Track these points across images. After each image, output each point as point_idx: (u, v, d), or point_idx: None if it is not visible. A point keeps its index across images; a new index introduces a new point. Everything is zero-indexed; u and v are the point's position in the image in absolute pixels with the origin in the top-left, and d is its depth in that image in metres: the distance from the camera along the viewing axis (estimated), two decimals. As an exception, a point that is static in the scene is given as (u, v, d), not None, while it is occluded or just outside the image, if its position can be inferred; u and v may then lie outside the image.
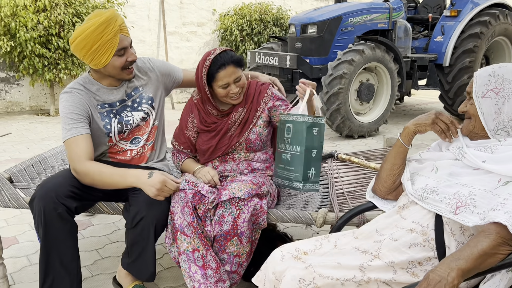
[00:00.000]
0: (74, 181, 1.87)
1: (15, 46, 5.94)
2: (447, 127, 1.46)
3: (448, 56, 6.15)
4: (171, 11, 7.93)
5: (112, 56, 1.91)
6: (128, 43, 1.97)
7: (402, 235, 1.33)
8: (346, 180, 2.38)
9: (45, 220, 1.78)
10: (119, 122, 2.05)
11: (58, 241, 1.83)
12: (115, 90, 2.05)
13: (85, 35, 1.86)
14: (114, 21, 1.89)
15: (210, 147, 2.10)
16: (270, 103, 2.12)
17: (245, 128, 2.09)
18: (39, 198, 1.79)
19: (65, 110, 1.94)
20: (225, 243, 1.85)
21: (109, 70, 1.96)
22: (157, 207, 1.84)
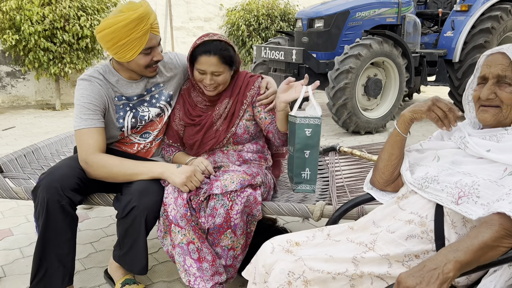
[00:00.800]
0: (80, 173, 1.82)
1: (20, 39, 5.93)
2: (444, 114, 1.33)
3: (458, 51, 6.01)
4: (178, 6, 7.88)
5: (137, 54, 1.84)
6: (157, 42, 1.89)
7: (399, 227, 1.25)
8: (347, 173, 2.30)
9: (47, 211, 1.73)
10: (134, 117, 1.98)
11: (57, 233, 1.77)
12: (135, 84, 1.98)
13: (114, 28, 1.77)
14: (147, 19, 1.80)
15: (196, 141, 2.02)
16: (255, 98, 2.01)
17: (231, 122, 1.99)
18: (44, 188, 1.73)
19: (82, 99, 1.86)
20: (218, 236, 1.78)
21: (132, 66, 1.89)
22: (150, 197, 1.78)
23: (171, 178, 1.79)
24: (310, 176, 1.85)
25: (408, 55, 5.50)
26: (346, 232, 1.35)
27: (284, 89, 1.88)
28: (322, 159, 2.63)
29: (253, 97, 2.00)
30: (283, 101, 1.86)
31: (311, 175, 1.84)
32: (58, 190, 1.71)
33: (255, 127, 2.05)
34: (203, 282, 1.78)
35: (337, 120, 5.24)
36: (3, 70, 6.66)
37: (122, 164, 1.82)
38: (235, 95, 2.00)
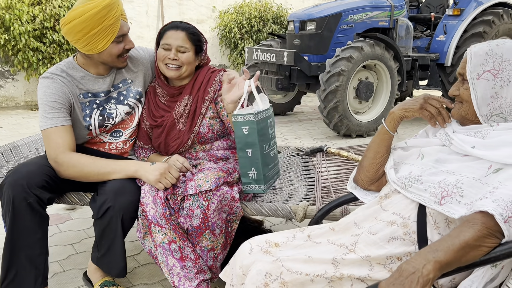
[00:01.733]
0: (49, 170, 1.75)
1: (9, 39, 5.85)
2: (437, 111, 1.32)
3: (450, 55, 6.01)
4: (170, 8, 7.84)
5: (110, 42, 1.77)
6: (127, 30, 1.85)
7: (381, 228, 1.20)
8: (333, 173, 2.25)
9: (14, 209, 1.66)
10: (101, 115, 1.91)
11: (25, 233, 1.70)
12: (102, 79, 1.91)
13: (86, 17, 1.70)
14: (117, 5, 1.76)
15: (160, 143, 1.96)
16: (217, 94, 1.92)
17: (194, 121, 1.90)
18: (9, 185, 1.66)
19: (45, 97, 1.79)
20: (197, 237, 1.73)
21: (104, 57, 1.82)
22: (125, 197, 1.72)
23: (145, 176, 1.73)
24: (257, 175, 1.74)
25: (400, 58, 5.49)
26: (327, 234, 1.30)
27: (227, 89, 1.80)
28: (309, 160, 2.58)
29: (215, 93, 1.92)
30: (230, 102, 1.77)
31: (258, 174, 1.74)
32: (24, 187, 1.64)
33: (221, 125, 1.95)
34: (188, 281, 1.72)
35: (328, 123, 5.21)
36: (-8, 70, 6.58)
37: (94, 163, 1.76)
38: (196, 92, 1.91)
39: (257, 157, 1.71)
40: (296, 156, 2.68)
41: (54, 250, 2.43)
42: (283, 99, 6.65)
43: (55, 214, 2.89)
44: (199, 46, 1.89)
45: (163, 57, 1.84)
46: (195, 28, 1.90)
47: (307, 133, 5.56)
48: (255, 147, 1.70)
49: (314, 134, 5.52)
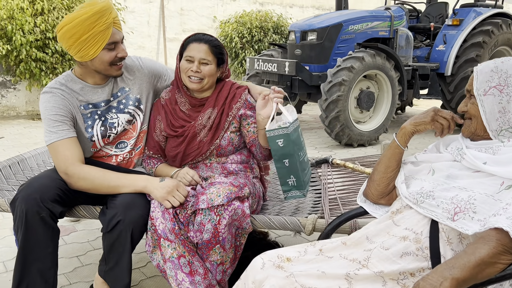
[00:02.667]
0: (61, 184, 1.75)
1: (11, 50, 5.88)
2: (448, 123, 1.36)
3: (450, 65, 6.06)
4: (171, 18, 7.89)
5: (101, 49, 1.77)
6: (120, 38, 1.85)
7: (393, 244, 1.21)
8: (339, 185, 2.26)
9: (26, 223, 1.66)
10: (103, 125, 1.91)
11: (38, 247, 1.70)
12: (100, 89, 1.92)
13: (76, 23, 1.71)
14: (109, 13, 1.76)
15: (178, 153, 1.96)
16: (242, 110, 1.97)
17: (216, 133, 1.94)
18: (22, 199, 1.66)
19: (47, 112, 1.80)
20: (207, 251, 1.73)
21: (96, 65, 1.82)
22: (135, 211, 1.72)
23: (153, 192, 1.74)
24: (296, 182, 1.81)
25: (400, 68, 5.53)
26: (339, 248, 1.30)
27: (262, 105, 1.86)
28: (315, 171, 2.59)
29: (239, 109, 1.96)
30: (265, 117, 1.83)
31: (297, 180, 1.80)
32: (37, 201, 1.64)
33: (239, 139, 2.00)
34: None
35: (330, 132, 5.23)
36: (-6, 80, 6.59)
37: (104, 176, 1.76)
38: (220, 106, 1.95)
39: (295, 166, 1.79)
40: (301, 168, 2.68)
41: (60, 262, 2.40)
42: (284, 108, 6.67)
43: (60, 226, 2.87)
44: (220, 59, 1.92)
45: (186, 69, 1.88)
46: (217, 41, 1.93)
47: (309, 143, 5.58)
48: (292, 157, 1.77)
49: (315, 144, 5.53)
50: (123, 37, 1.88)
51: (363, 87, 5.39)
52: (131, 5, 7.43)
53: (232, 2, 8.54)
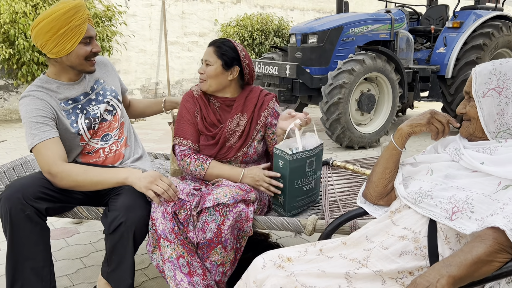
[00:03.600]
0: (44, 182, 1.78)
1: (14, 53, 5.91)
2: (443, 127, 1.37)
3: (451, 67, 6.07)
4: (173, 21, 7.93)
5: (78, 43, 1.82)
6: (94, 34, 1.91)
7: (392, 243, 1.22)
8: (340, 187, 2.27)
9: (12, 222, 1.69)
10: (86, 118, 1.96)
11: (27, 245, 1.72)
12: (76, 85, 1.96)
13: (53, 17, 1.77)
14: (84, 9, 1.84)
15: (210, 155, 1.99)
16: (268, 118, 2.02)
17: (246, 141, 1.99)
18: (5, 199, 1.69)
19: (27, 115, 1.81)
20: (208, 251, 1.75)
21: (72, 59, 1.86)
22: (136, 212, 1.74)
23: (136, 183, 1.75)
24: (283, 203, 1.88)
25: (401, 70, 5.55)
26: (339, 248, 1.32)
27: (285, 117, 1.90)
28: (315, 174, 2.61)
29: (267, 118, 2.01)
30: (280, 128, 1.90)
31: (284, 202, 1.87)
32: (20, 199, 1.67)
33: (263, 148, 2.06)
34: None
35: (331, 134, 5.24)
36: (-4, 83, 6.64)
37: (86, 172, 1.78)
38: (250, 113, 2.00)
39: (285, 189, 1.85)
40: (301, 169, 2.70)
41: (63, 264, 2.44)
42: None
43: (62, 228, 2.91)
44: (226, 58, 1.93)
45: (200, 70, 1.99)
46: (226, 42, 1.96)
47: (310, 145, 5.59)
48: (285, 180, 1.84)
49: (316, 146, 5.54)
50: (96, 34, 1.94)
51: (363, 90, 5.41)
52: (132, 9, 7.47)
53: (233, 6, 8.58)
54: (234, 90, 2.03)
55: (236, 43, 2.00)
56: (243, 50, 1.99)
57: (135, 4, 7.52)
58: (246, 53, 2.00)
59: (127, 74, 7.56)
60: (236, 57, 1.95)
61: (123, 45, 7.15)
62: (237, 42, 2.01)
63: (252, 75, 2.05)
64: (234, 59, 1.95)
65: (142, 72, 7.74)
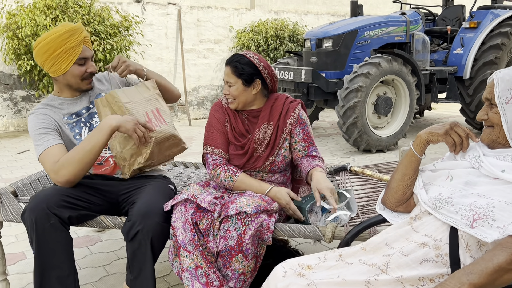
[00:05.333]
0: (67, 191, 1.86)
1: (35, 65, 6.06)
2: (460, 140, 1.35)
3: (469, 68, 6.00)
4: (188, 29, 8.02)
5: (72, 63, 1.95)
6: (90, 55, 2.01)
7: (413, 250, 1.23)
8: (358, 193, 2.28)
9: (37, 231, 1.75)
10: (89, 130, 2.05)
11: (52, 254, 1.78)
12: (78, 100, 2.09)
13: (50, 39, 1.91)
14: (79, 32, 1.96)
15: (238, 165, 2.03)
16: (294, 126, 2.04)
17: (273, 150, 2.01)
18: (30, 209, 1.76)
19: (32, 130, 1.96)
20: (229, 258, 1.77)
21: (68, 78, 1.99)
22: (152, 219, 1.78)
23: (125, 125, 1.85)
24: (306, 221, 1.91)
25: (417, 72, 5.50)
26: (359, 253, 1.33)
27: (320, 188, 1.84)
28: (333, 179, 2.61)
29: (293, 125, 2.03)
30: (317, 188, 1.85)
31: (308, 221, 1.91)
32: (44, 209, 1.74)
33: (289, 156, 2.07)
34: None
35: (348, 138, 5.23)
36: (19, 95, 6.80)
37: (76, 148, 1.86)
38: (275, 121, 2.02)
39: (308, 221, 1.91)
40: (319, 175, 2.71)
41: (87, 272, 2.50)
42: (301, 115, 6.70)
43: (85, 236, 2.97)
44: (245, 76, 1.95)
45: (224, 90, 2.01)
46: (243, 60, 1.95)
47: (327, 149, 5.59)
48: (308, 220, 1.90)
49: (333, 150, 5.54)
50: (93, 55, 2.04)
51: (380, 93, 5.39)
52: (149, 18, 7.58)
53: (247, 12, 8.63)
54: (260, 101, 2.05)
55: (252, 55, 1.98)
56: (260, 61, 1.98)
57: (152, 13, 7.64)
58: (264, 63, 1.99)
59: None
60: (254, 72, 1.96)
61: (141, 54, 7.27)
62: (252, 52, 2.01)
63: (274, 83, 2.06)
64: (253, 74, 1.96)
65: (159, 80, 7.84)
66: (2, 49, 6.29)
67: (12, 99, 6.75)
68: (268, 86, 2.04)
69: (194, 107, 8.29)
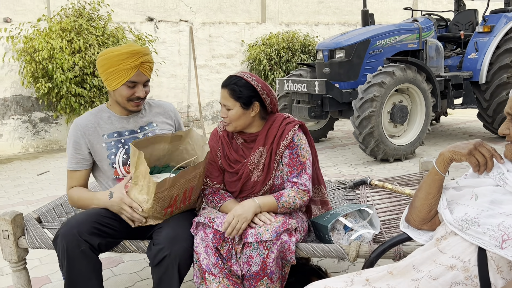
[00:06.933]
0: (97, 217, 1.88)
1: (53, 87, 6.19)
2: (485, 161, 1.32)
3: (484, 72, 5.94)
4: (201, 45, 8.10)
5: (121, 84, 1.99)
6: (142, 81, 2.02)
7: (441, 273, 1.21)
8: (380, 208, 2.26)
9: (68, 258, 1.78)
10: (126, 153, 2.07)
11: (82, 279, 1.81)
12: (125, 120, 2.11)
13: (108, 56, 1.98)
14: (138, 56, 1.98)
15: (234, 192, 2.01)
16: (285, 149, 1.93)
17: (268, 174, 1.94)
18: (62, 236, 1.80)
19: (69, 141, 2.09)
20: (255, 282, 1.76)
21: (117, 96, 2.04)
22: (180, 244, 1.80)
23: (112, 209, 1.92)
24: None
25: (432, 79, 5.46)
26: (386, 278, 1.31)
27: None
28: (353, 194, 2.60)
29: (286, 147, 1.94)
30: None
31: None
32: (76, 236, 1.77)
33: None
34: None
35: (365, 148, 5.20)
36: (37, 117, 6.93)
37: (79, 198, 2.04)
38: (269, 144, 1.94)
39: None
40: (339, 190, 2.70)
41: (111, 294, 2.51)
42: (315, 126, 6.70)
43: (107, 258, 2.99)
44: (243, 100, 1.88)
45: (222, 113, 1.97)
46: (241, 82, 1.89)
47: (343, 160, 5.56)
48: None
49: (350, 160, 5.51)
50: (146, 80, 2.05)
51: (395, 101, 5.35)
52: (162, 36, 7.69)
53: (258, 26, 8.70)
54: (258, 124, 1.98)
55: (249, 76, 1.91)
56: (258, 82, 1.91)
57: (164, 31, 7.75)
58: (262, 84, 1.92)
59: (159, 99, 7.77)
60: (253, 94, 1.89)
61: (155, 71, 7.36)
62: (249, 73, 1.93)
63: (274, 104, 1.98)
64: (252, 97, 1.89)
65: (174, 97, 7.92)
66: (20, 72, 6.44)
67: (31, 121, 6.88)
68: (267, 108, 1.97)
69: (209, 122, 8.34)
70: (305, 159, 1.94)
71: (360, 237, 1.83)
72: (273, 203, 1.86)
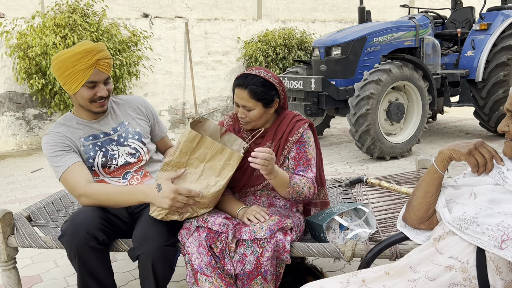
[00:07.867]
0: (104, 214, 1.88)
1: (46, 83, 6.13)
2: (484, 161, 1.28)
3: (481, 70, 5.92)
4: (196, 42, 8.05)
5: (81, 86, 1.90)
6: (102, 79, 1.94)
7: (439, 273, 1.18)
8: (376, 207, 2.23)
9: (79, 255, 1.79)
10: (104, 156, 2.02)
11: (95, 273, 1.84)
12: (96, 124, 2.04)
13: (62, 59, 1.88)
14: (93, 54, 1.89)
15: (237, 186, 1.98)
16: (294, 145, 1.91)
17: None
18: (70, 236, 1.78)
19: (48, 151, 1.93)
20: (248, 282, 1.73)
21: (78, 99, 1.95)
22: (150, 243, 1.78)
23: (156, 203, 1.78)
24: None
25: (429, 77, 5.44)
26: (382, 278, 1.28)
27: None
28: (349, 192, 2.57)
29: (294, 143, 1.92)
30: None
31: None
32: (84, 234, 1.76)
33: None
34: None
35: (361, 146, 5.17)
36: (31, 113, 6.87)
37: (107, 193, 1.85)
38: (278, 139, 1.92)
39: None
40: (335, 188, 2.67)
41: (103, 294, 2.47)
42: (312, 124, 6.66)
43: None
44: (265, 100, 1.86)
45: (236, 112, 1.92)
46: (261, 81, 1.83)
47: (340, 158, 5.53)
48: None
49: (346, 158, 5.48)
50: (106, 78, 1.97)
51: (392, 99, 5.33)
52: (157, 32, 7.63)
53: (254, 22, 8.65)
54: (273, 120, 1.98)
55: (265, 73, 1.87)
56: (275, 78, 1.88)
57: (159, 28, 7.69)
58: (278, 79, 1.90)
59: (154, 96, 7.71)
60: (273, 92, 1.87)
61: (150, 68, 7.30)
62: (263, 69, 1.89)
63: (286, 98, 1.98)
64: (273, 95, 1.87)
65: (169, 94, 7.87)
66: (13, 69, 6.37)
67: (24, 118, 6.81)
68: (281, 103, 1.97)
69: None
70: (311, 156, 1.94)
71: (356, 236, 1.80)
72: (287, 177, 1.82)
